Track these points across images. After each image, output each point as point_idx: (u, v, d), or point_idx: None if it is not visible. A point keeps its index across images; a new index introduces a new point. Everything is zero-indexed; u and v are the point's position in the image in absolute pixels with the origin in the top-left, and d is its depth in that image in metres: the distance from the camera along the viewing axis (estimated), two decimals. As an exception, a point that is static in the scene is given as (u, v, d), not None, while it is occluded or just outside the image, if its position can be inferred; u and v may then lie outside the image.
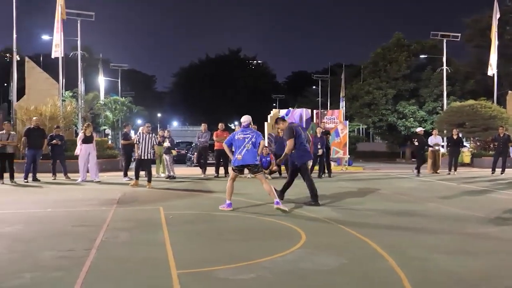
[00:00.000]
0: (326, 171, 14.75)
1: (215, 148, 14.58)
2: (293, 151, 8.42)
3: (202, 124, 15.24)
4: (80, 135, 13.42)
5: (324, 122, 18.05)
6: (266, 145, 16.13)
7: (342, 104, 37.24)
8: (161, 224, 6.52)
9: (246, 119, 8.17)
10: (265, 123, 18.57)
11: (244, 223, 6.73)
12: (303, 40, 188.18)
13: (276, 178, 13.99)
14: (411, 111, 31.44)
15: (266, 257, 4.75)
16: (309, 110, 19.00)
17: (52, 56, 20.30)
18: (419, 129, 16.96)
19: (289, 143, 8.32)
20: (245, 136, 7.87)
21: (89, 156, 13.06)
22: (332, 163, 16.46)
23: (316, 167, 14.64)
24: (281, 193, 8.67)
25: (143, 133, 11.47)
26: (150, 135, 11.52)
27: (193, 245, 5.37)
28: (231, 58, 73.98)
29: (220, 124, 15.06)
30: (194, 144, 24.21)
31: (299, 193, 9.43)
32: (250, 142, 7.81)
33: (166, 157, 14.15)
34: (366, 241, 5.47)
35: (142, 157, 11.43)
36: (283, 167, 14.71)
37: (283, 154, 8.57)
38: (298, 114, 18.30)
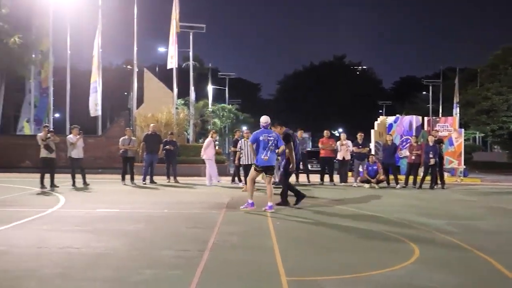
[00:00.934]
0: (438, 182, 13.86)
1: (321, 155, 14.45)
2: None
3: (299, 131, 15.09)
4: (210, 139, 14.12)
5: (436, 130, 17.00)
6: (373, 152, 15.65)
7: (456, 110, 34.79)
8: (269, 230, 6.62)
9: (266, 119, 8.43)
10: (372, 130, 18.05)
11: (354, 233, 6.55)
12: (411, 44, 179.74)
13: (383, 188, 13.49)
14: (537, 118, 28.42)
15: (376, 270, 4.58)
16: (420, 117, 18.07)
17: (168, 67, 21.73)
18: None
19: (290, 149, 8.62)
20: (269, 138, 8.20)
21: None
22: (446, 174, 15.41)
23: (428, 177, 13.83)
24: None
25: (244, 139, 11.90)
26: None
27: (301, 252, 5.35)
28: (335, 64, 73.23)
29: (325, 131, 14.91)
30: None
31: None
32: (274, 145, 8.18)
33: None
34: (489, 260, 5.02)
35: (247, 163, 11.79)
36: (391, 177, 14.13)
37: (291, 160, 8.74)
38: (407, 121, 17.51)
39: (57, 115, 35.44)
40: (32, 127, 25.86)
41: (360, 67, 78.64)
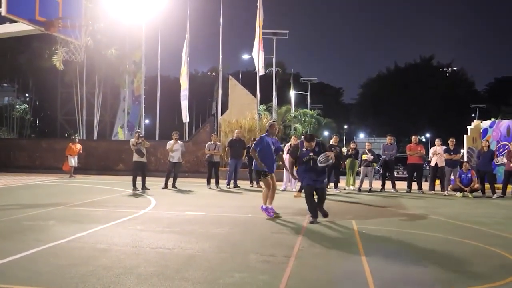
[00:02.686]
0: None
1: (408, 162, 13.86)
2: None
3: (388, 137, 14.60)
4: (288, 145, 14.22)
5: (538, 135, 15.60)
6: (465, 159, 14.74)
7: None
8: (355, 238, 6.46)
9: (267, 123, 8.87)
10: (464, 136, 17.00)
11: (446, 246, 6.18)
12: (507, 42, 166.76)
13: (478, 197, 12.63)
14: None
15: (474, 285, 4.30)
16: (519, 122, 16.68)
17: (260, 74, 22.10)
18: None
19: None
20: (272, 144, 8.27)
21: None
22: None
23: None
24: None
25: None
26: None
27: (390, 263, 5.15)
28: (422, 66, 69.93)
29: (413, 137, 14.29)
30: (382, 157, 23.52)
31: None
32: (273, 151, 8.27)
33: (367, 169, 13.80)
34: None
35: None
36: (486, 185, 13.20)
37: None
38: (505, 126, 16.25)
39: (147, 121, 37.61)
40: (125, 133, 27.66)
41: (449, 68, 74.42)
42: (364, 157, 13.76)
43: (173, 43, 27.47)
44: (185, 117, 22.34)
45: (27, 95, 39.76)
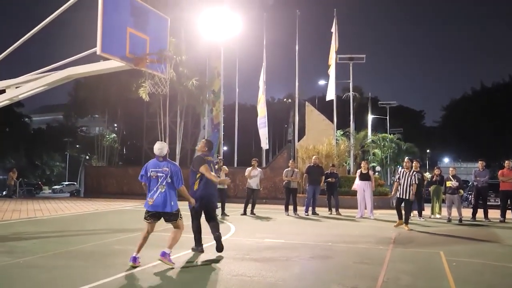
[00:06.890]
0: None
1: (501, 188, 12.86)
2: None
3: (479, 162, 13.70)
4: (358, 171, 13.99)
5: None
6: None
7: None
8: (444, 271, 6.06)
9: (159, 146, 6.16)
10: None
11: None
12: None
13: None
14: None
15: None
16: None
17: (328, 99, 21.99)
18: None
19: None
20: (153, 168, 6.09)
21: (364, 193, 13.37)
22: None
23: None
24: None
25: (403, 170, 10.97)
26: (410, 172, 10.89)
27: (486, 300, 4.76)
28: (512, 85, 65.48)
29: (507, 162, 13.24)
30: (471, 183, 22.13)
31: None
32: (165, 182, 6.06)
33: (453, 197, 12.93)
34: None
35: (400, 197, 10.93)
36: None
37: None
38: None
39: (225, 148, 38.59)
40: (205, 160, 28.45)
41: (544, 87, 68.81)
42: (449, 183, 12.88)
43: (249, 72, 28.25)
44: (265, 144, 22.66)
45: (115, 125, 42.51)
